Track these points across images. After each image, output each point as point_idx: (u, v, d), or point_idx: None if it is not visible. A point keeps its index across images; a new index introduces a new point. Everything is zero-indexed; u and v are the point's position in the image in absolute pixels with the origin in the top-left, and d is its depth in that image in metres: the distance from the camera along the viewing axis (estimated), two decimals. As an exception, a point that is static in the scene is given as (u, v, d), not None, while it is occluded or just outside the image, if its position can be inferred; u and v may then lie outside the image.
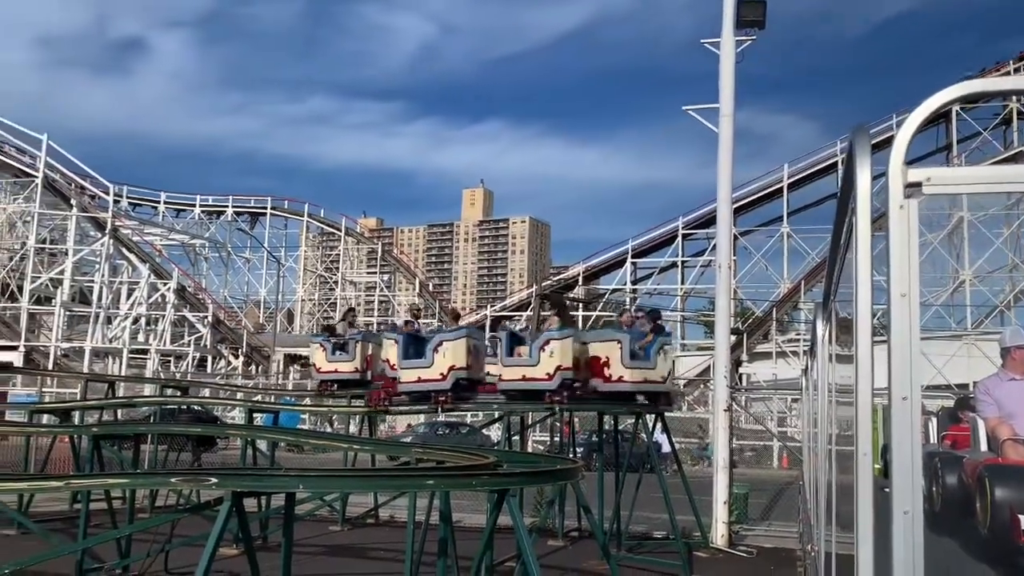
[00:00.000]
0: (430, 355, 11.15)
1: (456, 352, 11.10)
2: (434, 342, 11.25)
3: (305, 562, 10.30)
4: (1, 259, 55.16)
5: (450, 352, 11.09)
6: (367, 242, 75.03)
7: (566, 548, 12.06)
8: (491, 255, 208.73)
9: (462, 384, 11.14)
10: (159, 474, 7.18)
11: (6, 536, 11.75)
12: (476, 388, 11.39)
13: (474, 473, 6.28)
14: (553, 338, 10.63)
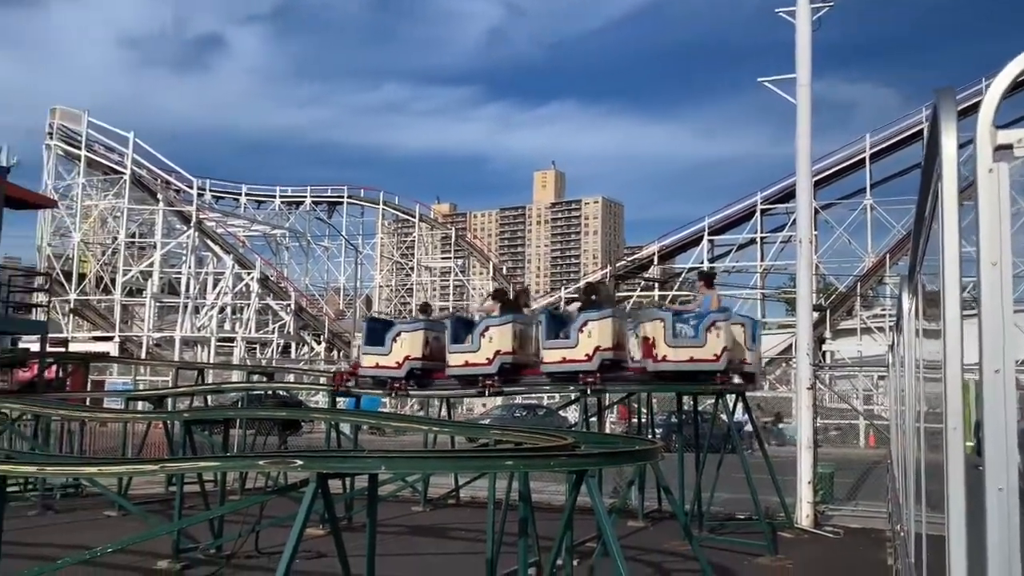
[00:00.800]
0: (477, 340, 11.26)
1: (502, 337, 11.20)
2: (481, 327, 11.36)
3: (389, 541, 10.54)
4: (95, 253, 57.70)
5: (496, 337, 11.17)
6: (441, 228, 75.70)
7: (647, 529, 12.02)
8: (564, 237, 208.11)
9: (507, 368, 11.20)
10: (247, 457, 7.42)
11: (108, 517, 12.36)
12: (522, 371, 11.42)
13: (552, 454, 6.31)
14: (591, 319, 10.56)
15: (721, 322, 10.56)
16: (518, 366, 11.34)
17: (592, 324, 10.56)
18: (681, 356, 10.43)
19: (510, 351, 11.12)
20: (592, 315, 10.66)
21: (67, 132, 56.23)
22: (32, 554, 9.22)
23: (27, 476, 11.43)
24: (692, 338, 10.35)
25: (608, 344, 10.57)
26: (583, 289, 13.04)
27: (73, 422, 16.19)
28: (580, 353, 10.57)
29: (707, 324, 10.46)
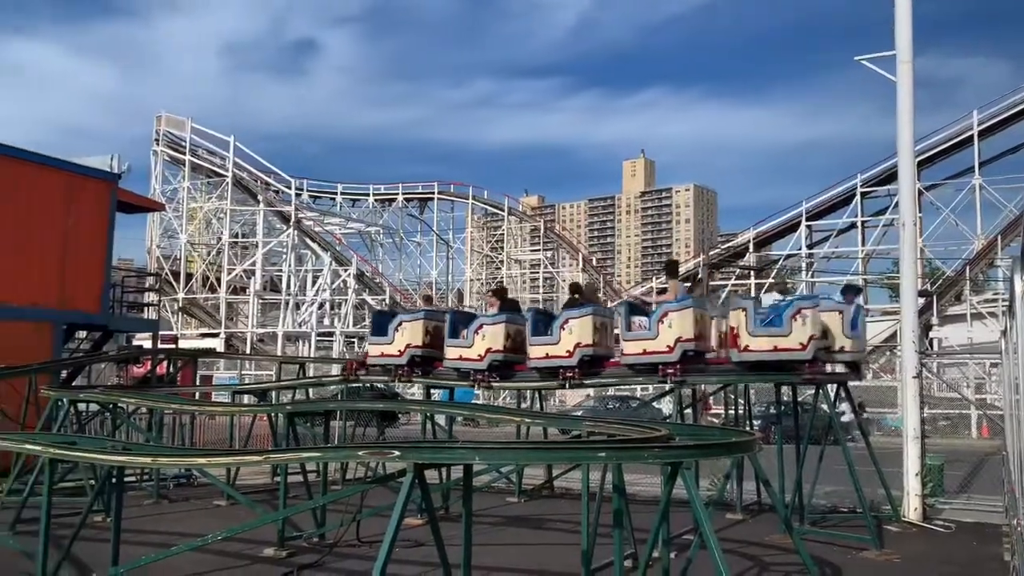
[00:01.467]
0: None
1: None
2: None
3: (485, 531, 10.66)
4: (201, 254, 60.27)
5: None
6: (529, 220, 75.88)
7: (745, 522, 11.79)
8: (655, 226, 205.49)
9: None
10: (347, 448, 7.63)
11: (218, 506, 12.92)
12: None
13: (646, 446, 6.25)
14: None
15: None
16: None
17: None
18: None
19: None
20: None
21: (172, 138, 58.86)
22: (148, 541, 9.73)
23: (143, 467, 12.03)
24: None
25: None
26: (568, 287, 13.23)
27: (184, 415, 16.99)
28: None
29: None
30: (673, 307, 10.36)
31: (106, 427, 13.97)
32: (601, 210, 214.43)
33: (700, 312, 10.68)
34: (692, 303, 10.62)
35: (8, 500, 12.01)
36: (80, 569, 8.10)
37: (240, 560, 9.05)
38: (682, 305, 10.41)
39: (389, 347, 12.19)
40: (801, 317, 10.09)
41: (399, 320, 12.31)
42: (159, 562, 7.76)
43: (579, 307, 11.48)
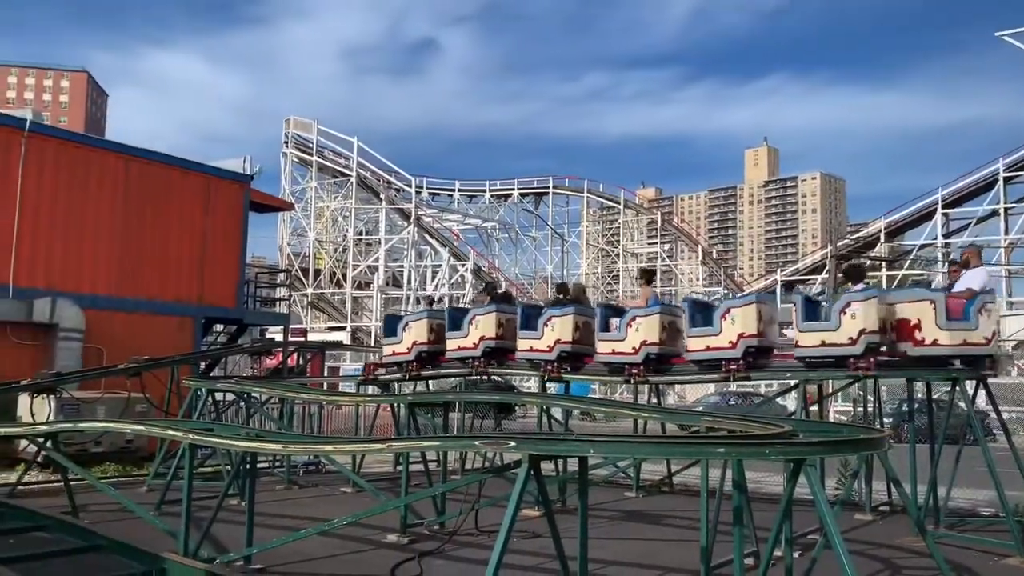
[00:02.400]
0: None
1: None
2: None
3: (601, 525, 10.64)
4: (328, 251, 62.66)
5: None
6: (646, 213, 74.95)
7: (875, 523, 11.29)
8: (779, 217, 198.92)
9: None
10: (465, 438, 7.79)
11: (344, 493, 13.42)
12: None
13: (768, 442, 6.08)
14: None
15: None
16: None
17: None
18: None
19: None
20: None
21: (300, 140, 61.42)
22: (279, 524, 10.22)
23: (274, 453, 12.62)
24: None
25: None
26: (556, 288, 13.36)
27: (313, 405, 17.73)
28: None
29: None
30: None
31: (241, 415, 14.75)
32: (722, 201, 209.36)
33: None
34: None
35: (153, 483, 12.89)
36: (217, 548, 8.59)
37: (365, 545, 9.37)
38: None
39: (399, 346, 12.86)
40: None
41: (406, 321, 13.10)
42: (289, 544, 8.14)
43: (561, 307, 12.00)
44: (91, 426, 11.10)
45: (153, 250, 19.47)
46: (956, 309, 9.74)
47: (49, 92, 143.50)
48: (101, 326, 17.75)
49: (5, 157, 17.18)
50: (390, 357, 13.32)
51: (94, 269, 18.46)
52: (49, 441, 10.11)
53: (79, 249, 18.26)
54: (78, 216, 18.31)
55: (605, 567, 8.37)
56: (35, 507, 6.13)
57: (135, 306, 18.81)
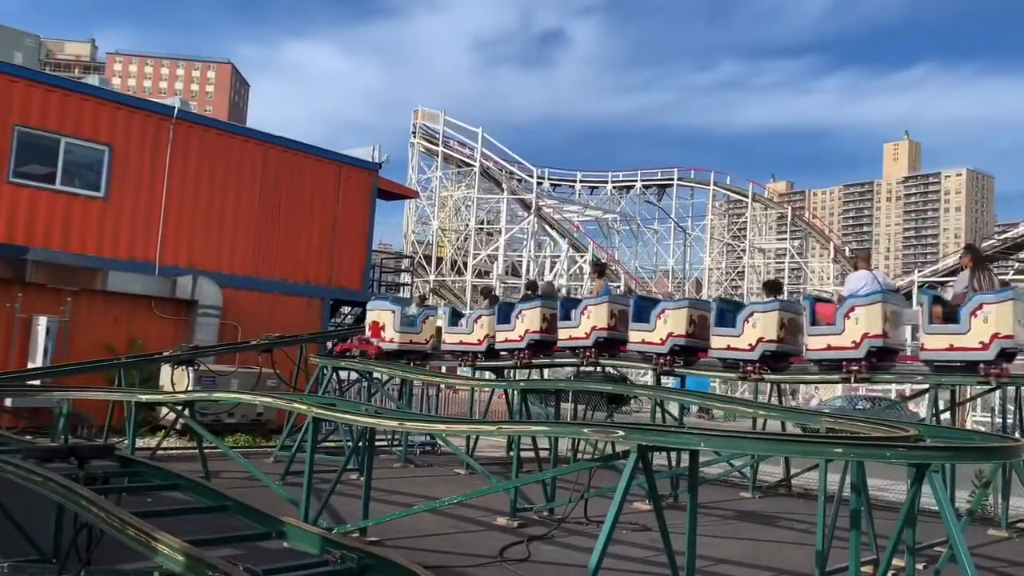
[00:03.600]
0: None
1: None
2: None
3: (713, 523, 10.45)
4: (451, 239, 63.90)
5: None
6: (776, 207, 72.52)
7: (1011, 540, 10.59)
8: (919, 214, 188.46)
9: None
10: (574, 424, 7.82)
11: (457, 474, 13.72)
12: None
13: (889, 444, 5.82)
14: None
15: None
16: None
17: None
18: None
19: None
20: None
21: (427, 130, 62.78)
22: (394, 500, 10.56)
23: (391, 429, 13.00)
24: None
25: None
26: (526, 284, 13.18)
27: (431, 387, 18.18)
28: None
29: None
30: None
31: (362, 394, 15.29)
32: (857, 197, 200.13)
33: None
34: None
35: (280, 454, 13.56)
36: (335, 518, 8.97)
37: (475, 526, 9.56)
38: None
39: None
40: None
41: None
42: (402, 519, 8.41)
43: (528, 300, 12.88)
44: (225, 396, 11.79)
45: (287, 234, 20.42)
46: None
47: (196, 83, 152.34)
48: (237, 304, 18.79)
49: (155, 142, 18.40)
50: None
51: (232, 250, 19.53)
52: (187, 409, 10.80)
53: (219, 231, 19.36)
54: (219, 199, 19.41)
55: (715, 565, 8.22)
56: (172, 470, 6.57)
57: (268, 286, 19.79)
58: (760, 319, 10.72)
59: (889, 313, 10.00)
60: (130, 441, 10.51)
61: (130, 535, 4.37)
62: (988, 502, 11.23)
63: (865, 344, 9.91)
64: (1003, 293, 9.45)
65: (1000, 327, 9.17)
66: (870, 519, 7.57)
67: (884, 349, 10.04)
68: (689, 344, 11.39)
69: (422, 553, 7.93)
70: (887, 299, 10.06)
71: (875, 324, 9.87)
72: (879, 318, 9.89)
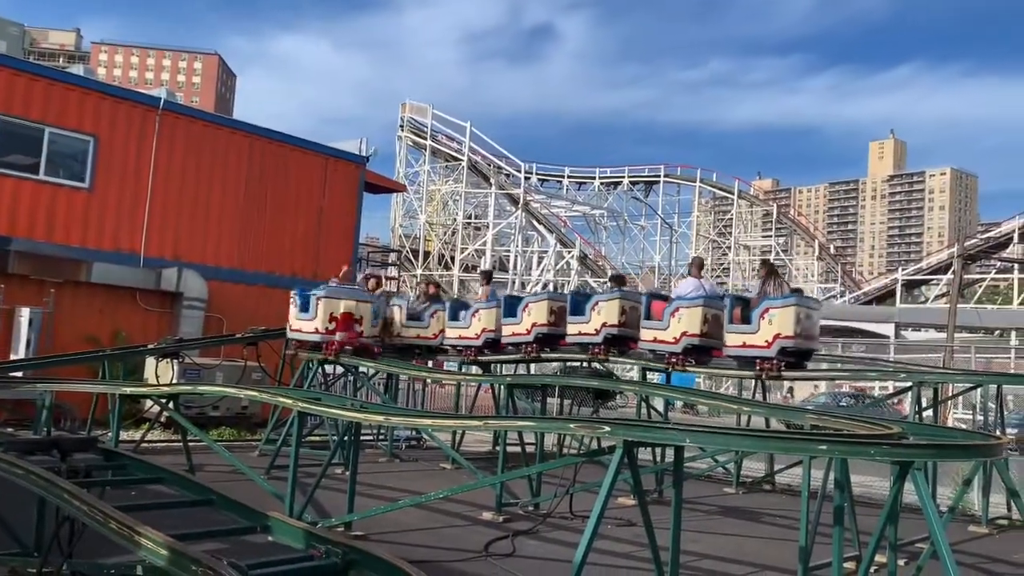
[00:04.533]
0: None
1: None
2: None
3: (698, 519, 10.49)
4: (438, 233, 63.82)
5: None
6: (761, 204, 72.86)
7: (991, 536, 10.70)
8: (903, 213, 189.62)
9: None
10: (560, 420, 7.84)
11: (443, 469, 13.71)
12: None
13: (873, 441, 5.87)
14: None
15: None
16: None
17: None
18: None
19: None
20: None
21: (415, 124, 62.63)
22: (380, 494, 10.54)
23: (376, 423, 12.99)
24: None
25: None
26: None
27: (417, 382, 18.14)
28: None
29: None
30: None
31: (348, 388, 15.24)
32: (843, 195, 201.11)
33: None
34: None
35: (265, 448, 13.50)
36: (320, 512, 8.95)
37: (461, 520, 9.56)
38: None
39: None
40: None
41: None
42: (387, 514, 8.40)
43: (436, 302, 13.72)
44: (210, 390, 11.73)
45: (272, 226, 20.33)
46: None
47: (183, 74, 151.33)
48: (222, 296, 18.69)
49: (140, 133, 18.26)
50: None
51: (217, 242, 19.43)
52: (171, 402, 10.74)
53: (204, 223, 19.24)
54: (205, 191, 19.29)
55: (699, 560, 8.26)
56: (156, 463, 6.54)
57: (254, 279, 19.69)
58: (604, 307, 11.80)
59: (709, 316, 11.07)
60: (114, 434, 10.45)
61: (113, 529, 4.35)
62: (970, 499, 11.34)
63: (683, 341, 11.03)
64: (787, 299, 10.55)
65: (782, 328, 10.28)
66: (853, 516, 7.62)
67: (700, 347, 11.18)
68: (621, 333, 11.89)
69: (407, 548, 7.93)
70: (708, 303, 11.15)
71: (694, 324, 10.96)
72: (699, 319, 10.97)
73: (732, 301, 11.28)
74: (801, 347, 10.64)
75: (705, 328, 11.00)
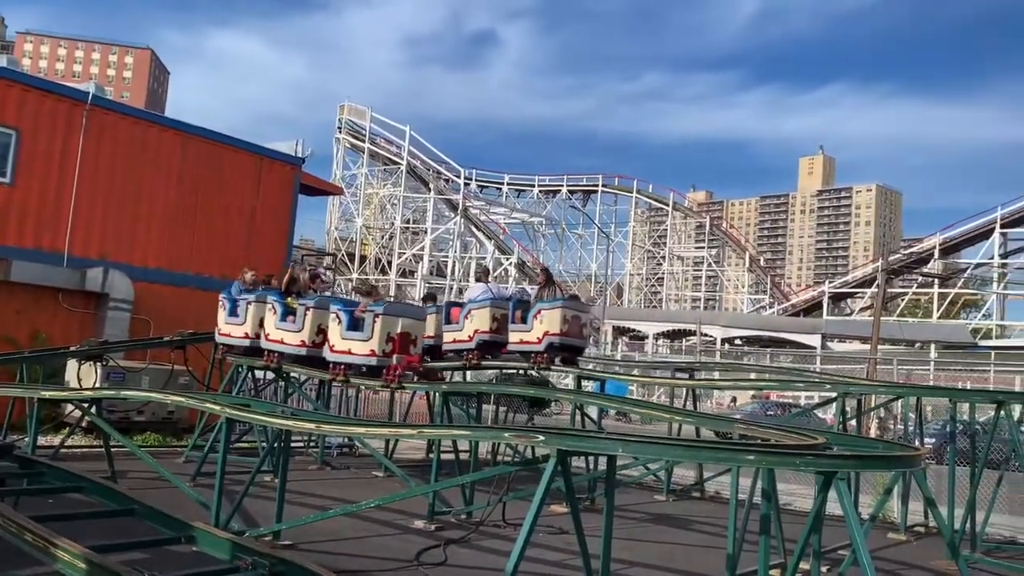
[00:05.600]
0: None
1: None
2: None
3: (629, 526, 10.61)
4: (375, 237, 63.29)
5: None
6: (695, 216, 74.25)
7: (908, 543, 11.08)
8: (831, 227, 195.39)
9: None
10: (495, 428, 7.83)
11: (375, 477, 13.57)
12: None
13: (799, 452, 6.00)
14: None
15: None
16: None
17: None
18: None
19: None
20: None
21: (353, 126, 62.06)
22: (310, 503, 10.38)
23: (307, 432, 12.79)
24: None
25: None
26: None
27: (350, 388, 17.91)
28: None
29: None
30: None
31: (279, 394, 14.97)
32: (773, 208, 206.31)
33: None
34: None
35: (191, 455, 13.16)
36: (248, 522, 8.76)
37: (392, 529, 9.47)
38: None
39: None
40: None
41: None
42: (318, 523, 8.26)
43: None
44: (134, 394, 11.40)
45: (203, 227, 19.85)
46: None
47: (113, 68, 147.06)
48: (150, 298, 18.16)
49: (67, 128, 17.65)
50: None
51: (146, 242, 18.89)
52: (93, 407, 10.39)
53: (132, 222, 18.69)
54: (134, 190, 18.74)
55: (629, 568, 8.35)
56: (76, 470, 6.30)
57: (183, 280, 19.19)
58: (475, 315, 12.71)
59: (498, 315, 12.52)
60: (31, 440, 10.06)
61: (28, 540, 4.18)
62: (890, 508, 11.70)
63: (477, 337, 12.53)
64: (555, 302, 12.09)
65: (550, 327, 11.94)
66: (779, 524, 7.79)
67: (491, 343, 12.63)
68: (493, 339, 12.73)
69: (337, 557, 7.82)
70: (495, 304, 12.56)
71: (484, 323, 12.44)
72: (487, 319, 12.45)
73: (514, 304, 12.71)
74: (567, 343, 12.22)
75: (494, 326, 12.53)
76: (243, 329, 13.37)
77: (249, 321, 13.40)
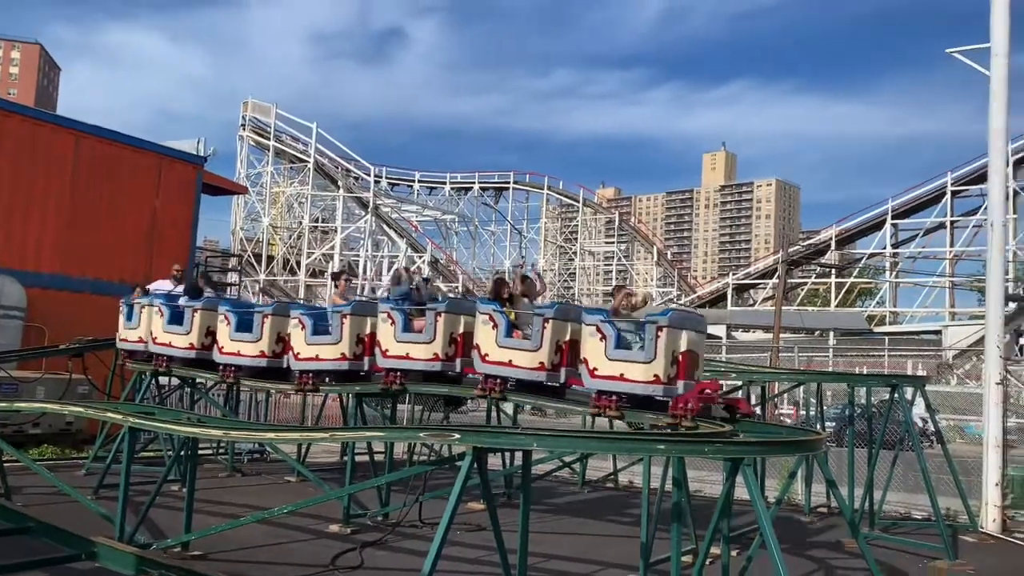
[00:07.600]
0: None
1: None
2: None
3: (546, 520, 10.71)
4: (283, 237, 61.89)
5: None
6: (604, 212, 75.42)
7: (813, 524, 11.55)
8: (734, 221, 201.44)
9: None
10: (410, 429, 7.80)
11: (288, 482, 13.30)
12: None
13: (708, 440, 6.19)
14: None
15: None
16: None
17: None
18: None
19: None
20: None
21: (258, 123, 60.47)
22: (220, 511, 10.10)
23: (215, 439, 12.44)
24: None
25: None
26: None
27: (259, 392, 17.49)
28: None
29: None
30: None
31: (185, 401, 14.52)
32: (679, 203, 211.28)
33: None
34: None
35: (92, 467, 12.62)
36: (155, 534, 8.46)
37: (306, 535, 9.31)
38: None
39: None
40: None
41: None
42: (229, 531, 8.05)
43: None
44: (28, 406, 10.88)
45: (101, 229, 19.03)
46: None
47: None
48: (44, 305, 17.30)
49: (-53, 127, 16.66)
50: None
51: (38, 247, 18.00)
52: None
53: (24, 226, 17.78)
54: (24, 192, 17.83)
55: (546, 561, 8.43)
56: (-36, 488, 5.96)
57: (79, 285, 18.36)
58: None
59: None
60: (-87, 458, 9.46)
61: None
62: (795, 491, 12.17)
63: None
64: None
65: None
66: (690, 511, 8.01)
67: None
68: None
69: (250, 566, 7.64)
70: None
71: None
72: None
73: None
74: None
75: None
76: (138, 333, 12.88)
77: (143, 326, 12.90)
